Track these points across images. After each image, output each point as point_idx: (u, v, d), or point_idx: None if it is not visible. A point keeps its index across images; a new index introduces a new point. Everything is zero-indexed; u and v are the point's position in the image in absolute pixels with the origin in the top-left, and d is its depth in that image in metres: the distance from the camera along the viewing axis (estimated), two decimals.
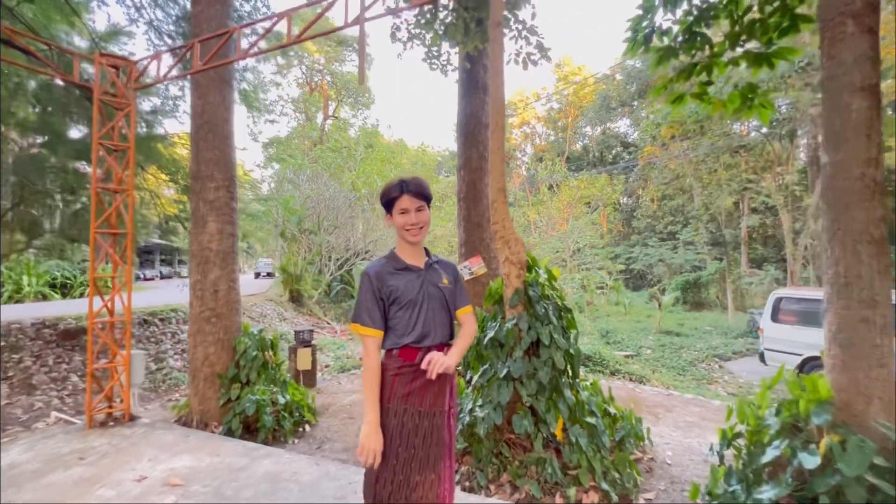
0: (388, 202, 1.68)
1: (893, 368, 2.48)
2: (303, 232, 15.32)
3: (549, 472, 3.12)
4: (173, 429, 3.75)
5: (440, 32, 6.10)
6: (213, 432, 4.04)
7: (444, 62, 6.80)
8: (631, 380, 7.21)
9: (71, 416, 5.63)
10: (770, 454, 2.53)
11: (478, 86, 6.87)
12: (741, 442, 2.91)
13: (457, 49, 6.39)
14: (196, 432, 3.73)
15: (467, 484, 3.18)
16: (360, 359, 8.88)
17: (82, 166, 7.12)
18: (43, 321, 7.42)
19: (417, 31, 6.26)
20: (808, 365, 7.33)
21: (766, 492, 2.45)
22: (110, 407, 3.85)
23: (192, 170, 4.52)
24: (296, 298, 14.42)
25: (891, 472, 2.26)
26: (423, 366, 1.56)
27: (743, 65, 4.13)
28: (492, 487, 3.20)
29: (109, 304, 3.97)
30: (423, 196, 1.67)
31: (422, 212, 1.68)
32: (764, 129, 17.44)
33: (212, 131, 4.47)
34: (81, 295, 14.66)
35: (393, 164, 18.30)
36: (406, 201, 1.65)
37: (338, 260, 16.76)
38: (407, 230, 1.66)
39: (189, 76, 4.14)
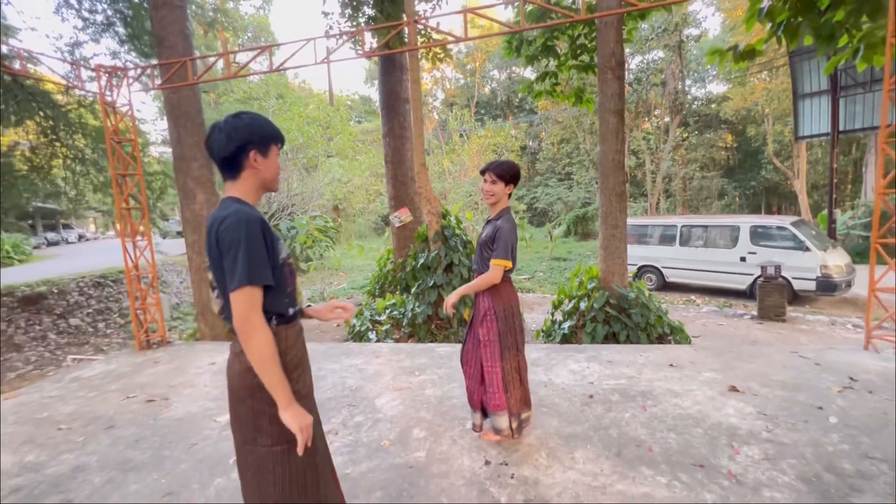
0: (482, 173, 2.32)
1: (626, 259, 4.90)
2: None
3: (461, 338, 5.30)
4: (206, 343, 5.24)
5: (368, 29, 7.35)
6: None
7: (367, 47, 8.03)
8: (521, 291, 9.84)
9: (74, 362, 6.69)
10: (568, 305, 4.91)
11: (395, 65, 8.27)
12: (565, 306, 5.29)
13: (375, 39, 7.70)
14: (224, 343, 5.26)
15: None
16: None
17: None
18: None
19: (347, 24, 7.46)
20: (641, 270, 10.43)
21: (565, 324, 4.83)
22: (148, 335, 5.16)
23: (176, 153, 5.56)
24: None
25: (615, 306, 4.70)
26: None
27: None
28: None
29: (135, 262, 5.11)
30: (497, 174, 2.26)
31: (495, 184, 2.27)
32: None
33: (190, 120, 5.51)
34: None
35: (310, 119, 18.59)
36: (487, 176, 2.28)
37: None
38: (484, 196, 2.33)
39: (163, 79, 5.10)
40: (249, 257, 1.17)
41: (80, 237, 31.61)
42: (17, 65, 4.98)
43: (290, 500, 1.31)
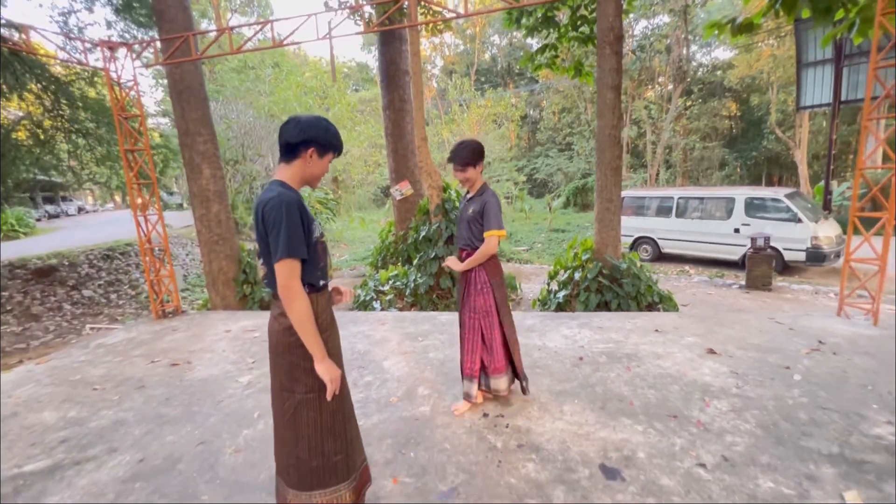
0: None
1: (619, 231, 5.10)
2: (227, 162, 15.66)
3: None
4: (219, 313, 5.51)
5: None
6: None
7: (367, 19, 7.93)
8: (520, 262, 10.09)
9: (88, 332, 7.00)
10: (563, 276, 5.14)
11: (395, 36, 8.19)
12: (560, 276, 5.53)
13: (374, 8, 7.58)
14: (236, 312, 5.53)
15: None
16: None
17: None
18: (11, 263, 8.10)
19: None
20: (637, 241, 10.66)
21: (560, 294, 5.08)
22: (163, 305, 5.42)
23: (180, 128, 5.65)
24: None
25: (608, 276, 4.93)
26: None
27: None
28: None
29: (147, 235, 5.30)
30: (464, 164, 2.38)
31: (464, 171, 2.40)
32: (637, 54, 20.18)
33: (193, 95, 5.57)
34: None
35: (308, 89, 18.33)
36: (455, 167, 2.43)
37: (262, 186, 17.43)
38: (461, 184, 2.50)
39: (164, 54, 5.13)
40: (289, 234, 1.39)
41: (80, 209, 31.62)
42: (17, 38, 5.00)
43: (322, 438, 1.57)
